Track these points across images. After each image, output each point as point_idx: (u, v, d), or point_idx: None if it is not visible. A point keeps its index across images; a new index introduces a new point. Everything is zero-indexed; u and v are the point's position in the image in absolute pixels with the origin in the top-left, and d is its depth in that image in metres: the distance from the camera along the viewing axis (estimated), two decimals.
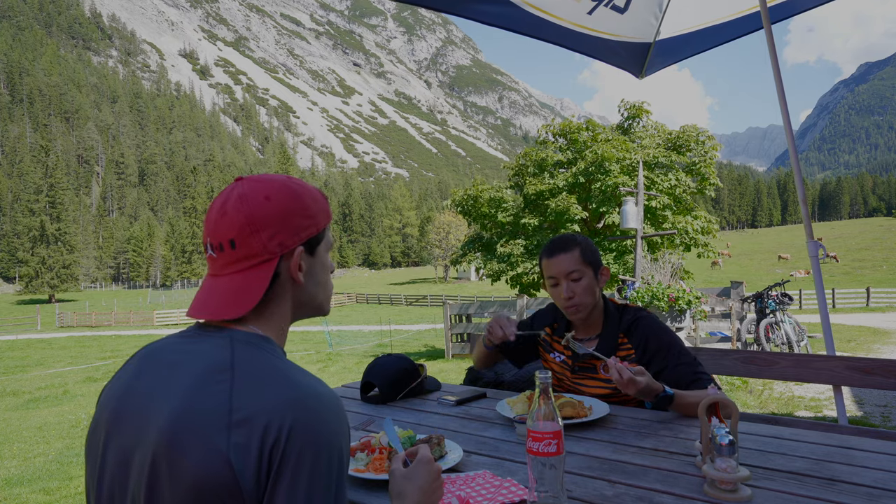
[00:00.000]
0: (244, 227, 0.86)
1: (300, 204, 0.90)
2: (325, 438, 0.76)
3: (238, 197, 0.88)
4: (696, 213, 14.46)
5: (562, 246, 1.79)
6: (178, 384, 0.80)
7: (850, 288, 31.01)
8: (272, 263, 0.88)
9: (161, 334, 21.15)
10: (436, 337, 16.84)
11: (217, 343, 0.84)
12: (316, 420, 0.76)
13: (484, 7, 2.64)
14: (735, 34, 2.99)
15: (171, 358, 0.85)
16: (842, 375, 2.12)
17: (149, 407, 0.81)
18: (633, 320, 1.79)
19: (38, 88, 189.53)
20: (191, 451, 0.73)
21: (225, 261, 0.88)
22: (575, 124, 15.45)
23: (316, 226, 0.92)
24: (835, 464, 1.16)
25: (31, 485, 4.36)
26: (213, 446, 0.73)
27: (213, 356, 0.81)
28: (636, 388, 1.47)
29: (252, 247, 0.86)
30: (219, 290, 0.87)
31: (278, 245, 0.88)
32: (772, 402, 5.73)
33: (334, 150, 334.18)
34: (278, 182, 0.91)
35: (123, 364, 0.93)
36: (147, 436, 0.78)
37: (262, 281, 0.87)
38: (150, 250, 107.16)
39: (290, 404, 0.75)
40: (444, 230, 67.07)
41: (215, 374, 0.79)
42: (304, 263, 0.91)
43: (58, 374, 11.40)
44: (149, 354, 0.90)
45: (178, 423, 0.75)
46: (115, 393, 0.88)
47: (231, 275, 0.87)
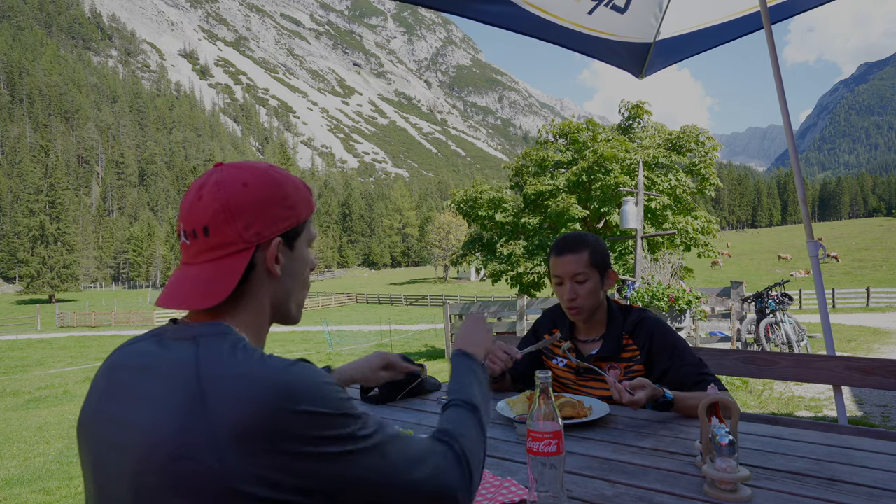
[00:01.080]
0: (218, 213, 0.81)
1: (280, 192, 0.85)
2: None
3: (215, 182, 0.83)
4: (697, 213, 14.47)
5: (571, 246, 1.77)
6: (147, 407, 0.74)
7: (850, 288, 31.01)
8: (247, 253, 0.82)
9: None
10: (436, 337, 16.85)
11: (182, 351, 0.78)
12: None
13: (484, 6, 2.64)
14: (735, 34, 2.98)
15: (135, 376, 0.80)
16: (842, 375, 2.11)
17: (120, 432, 0.76)
18: (637, 321, 1.78)
19: (38, 88, 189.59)
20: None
21: (198, 248, 0.82)
22: (575, 124, 15.46)
23: (296, 217, 0.87)
24: (835, 464, 1.16)
25: (31, 485, 4.37)
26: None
27: (177, 370, 0.76)
28: (639, 406, 1.49)
29: (226, 235, 0.81)
30: (190, 279, 0.82)
31: (254, 234, 0.82)
32: (772, 402, 5.73)
33: (334, 150, 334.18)
34: (258, 169, 0.86)
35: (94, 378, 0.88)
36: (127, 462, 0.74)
37: (236, 271, 0.81)
38: (150, 250, 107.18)
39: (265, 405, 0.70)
40: (444, 230, 67.08)
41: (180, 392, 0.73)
42: (281, 256, 0.86)
43: (58, 374, 11.41)
44: (111, 369, 0.84)
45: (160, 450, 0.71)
46: (87, 415, 0.83)
47: (203, 264, 0.82)
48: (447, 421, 0.93)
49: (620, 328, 1.79)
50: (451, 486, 0.82)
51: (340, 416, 0.74)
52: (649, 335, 1.75)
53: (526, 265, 13.79)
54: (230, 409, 0.69)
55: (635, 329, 1.77)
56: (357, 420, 0.76)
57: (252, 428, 0.69)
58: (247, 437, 0.68)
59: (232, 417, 0.69)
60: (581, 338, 1.86)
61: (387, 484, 0.76)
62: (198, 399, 0.71)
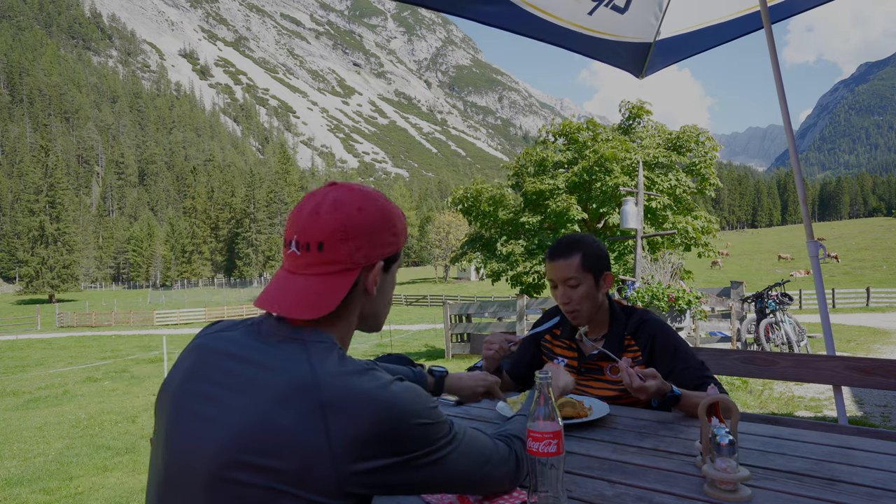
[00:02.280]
0: (336, 232, 0.88)
1: (389, 221, 0.93)
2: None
3: (333, 202, 0.90)
4: (697, 213, 14.47)
5: (563, 251, 1.76)
6: (253, 394, 0.81)
7: (850, 288, 31.03)
8: (354, 273, 0.90)
9: (160, 334, 21.12)
10: (436, 337, 16.84)
11: (296, 355, 0.84)
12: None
13: (484, 7, 2.64)
14: (735, 34, 2.98)
15: (243, 364, 0.86)
16: (842, 375, 2.11)
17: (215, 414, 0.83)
18: (639, 322, 1.79)
19: (38, 88, 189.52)
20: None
21: (308, 261, 0.89)
22: (575, 124, 15.46)
23: (397, 244, 0.95)
24: (835, 464, 1.16)
25: (31, 485, 4.37)
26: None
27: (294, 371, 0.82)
28: (646, 394, 1.48)
29: (339, 253, 0.88)
30: (297, 288, 0.88)
31: (364, 257, 0.90)
32: (772, 402, 5.73)
33: (334, 150, 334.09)
34: (372, 196, 0.93)
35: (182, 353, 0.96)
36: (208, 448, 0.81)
37: (343, 288, 0.89)
38: (150, 250, 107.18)
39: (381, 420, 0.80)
40: (444, 230, 67.10)
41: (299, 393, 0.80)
42: (379, 278, 0.94)
43: (58, 374, 11.40)
44: (202, 350, 0.92)
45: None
46: (172, 386, 0.90)
47: (311, 276, 0.89)
48: (510, 424, 1.11)
49: (623, 328, 1.79)
50: (504, 479, 0.98)
51: (437, 425, 0.86)
52: (651, 336, 1.75)
53: (525, 265, 13.78)
54: (348, 420, 0.78)
55: (637, 330, 1.78)
56: (444, 425, 0.88)
57: (365, 438, 0.78)
58: (360, 445, 0.78)
59: (349, 427, 0.77)
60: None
61: (462, 479, 0.90)
62: (316, 403, 0.78)
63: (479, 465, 0.92)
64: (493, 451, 0.96)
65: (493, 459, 0.95)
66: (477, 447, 0.93)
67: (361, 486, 0.79)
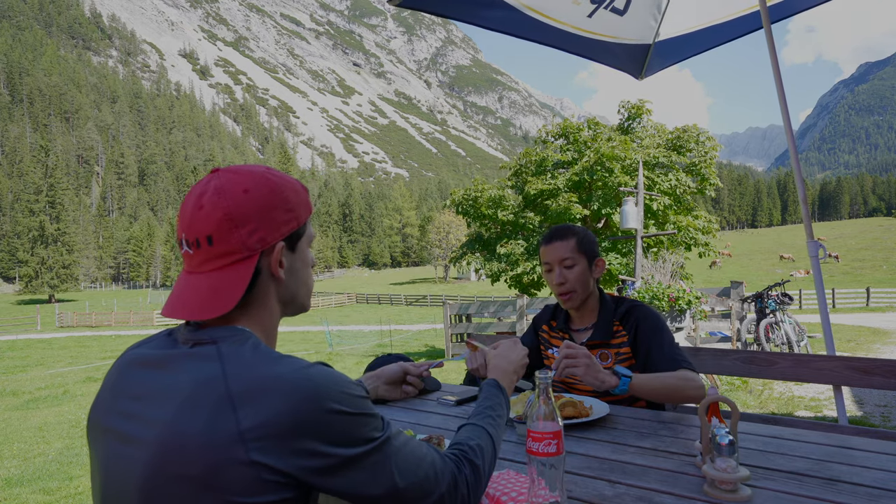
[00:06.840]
0: (222, 222, 0.82)
1: (281, 197, 0.86)
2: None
3: (215, 190, 0.83)
4: (697, 213, 14.47)
5: (559, 234, 1.85)
6: (171, 404, 0.76)
7: (850, 288, 31.02)
8: (252, 260, 0.84)
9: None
10: (436, 337, 16.85)
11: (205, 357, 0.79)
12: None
13: (484, 12, 2.64)
14: (735, 34, 2.98)
15: (156, 373, 0.82)
16: (842, 375, 2.12)
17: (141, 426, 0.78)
18: (628, 309, 1.85)
19: (38, 88, 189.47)
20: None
21: (202, 257, 0.83)
22: (575, 124, 15.45)
23: (297, 220, 0.88)
24: (835, 464, 1.16)
25: (31, 485, 4.36)
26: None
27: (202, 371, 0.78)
28: (588, 378, 1.51)
29: (231, 243, 0.82)
30: (198, 288, 0.83)
31: (258, 241, 0.84)
32: (772, 402, 5.73)
33: (334, 150, 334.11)
34: (257, 174, 0.86)
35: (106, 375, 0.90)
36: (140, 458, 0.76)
37: (243, 279, 0.83)
38: (150, 250, 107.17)
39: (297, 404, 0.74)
40: (444, 230, 67.11)
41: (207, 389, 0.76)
42: (285, 259, 0.88)
43: (58, 374, 11.40)
44: (126, 367, 0.86)
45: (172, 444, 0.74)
46: (99, 410, 0.86)
47: (209, 272, 0.83)
48: (458, 435, 1.00)
49: (611, 315, 1.84)
50: (433, 492, 0.84)
51: (361, 416, 0.78)
52: (636, 319, 1.81)
53: (525, 265, 13.77)
54: (259, 407, 0.72)
55: (625, 315, 1.83)
56: (374, 419, 0.80)
57: (279, 424, 0.72)
58: (274, 435, 0.72)
59: (260, 414, 0.72)
60: (574, 327, 1.92)
61: (389, 493, 0.79)
62: (225, 397, 0.73)
63: (405, 471, 0.81)
64: (433, 469, 0.85)
65: (422, 468, 0.83)
66: (414, 459, 0.83)
67: (283, 484, 0.73)
